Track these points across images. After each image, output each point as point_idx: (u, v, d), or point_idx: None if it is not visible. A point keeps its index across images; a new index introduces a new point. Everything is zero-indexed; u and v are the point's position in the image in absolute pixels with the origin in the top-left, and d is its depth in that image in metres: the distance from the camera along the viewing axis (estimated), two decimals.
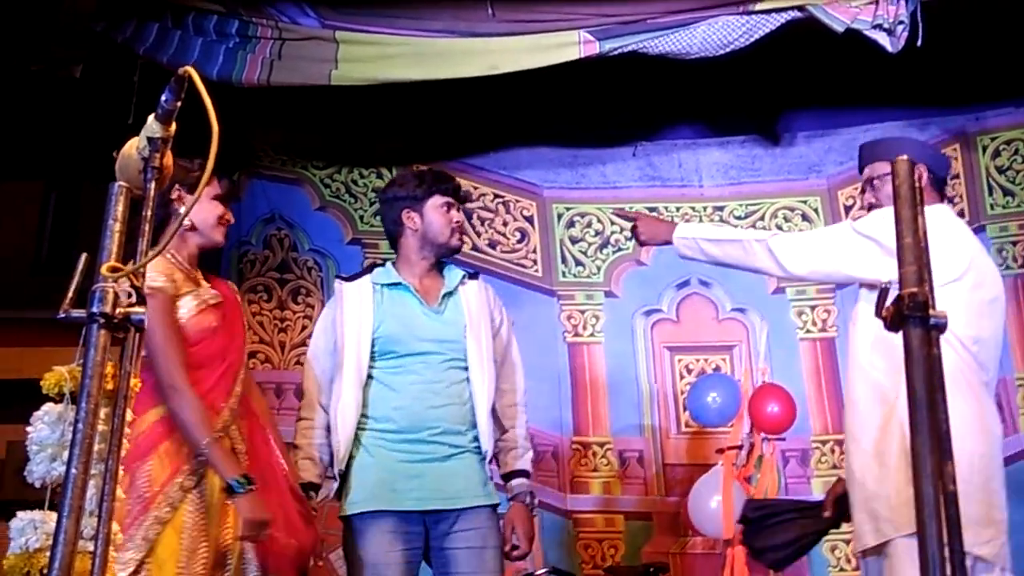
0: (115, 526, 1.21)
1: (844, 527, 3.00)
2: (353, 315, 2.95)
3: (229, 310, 2.79)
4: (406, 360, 2.91)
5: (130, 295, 1.24)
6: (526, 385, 3.19)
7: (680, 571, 4.42)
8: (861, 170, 3.02)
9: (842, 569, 4.37)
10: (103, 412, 1.22)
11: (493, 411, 3.00)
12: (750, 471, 4.03)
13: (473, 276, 3.15)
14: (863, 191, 2.99)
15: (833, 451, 4.49)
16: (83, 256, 1.30)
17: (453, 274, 3.08)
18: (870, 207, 2.95)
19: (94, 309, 1.22)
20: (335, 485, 2.88)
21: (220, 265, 4.56)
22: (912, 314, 1.17)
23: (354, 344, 2.90)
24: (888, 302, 1.20)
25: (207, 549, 2.51)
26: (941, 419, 1.16)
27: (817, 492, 4.44)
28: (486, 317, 3.04)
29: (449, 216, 3.04)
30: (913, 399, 1.15)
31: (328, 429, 2.91)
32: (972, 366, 2.62)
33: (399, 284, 3.01)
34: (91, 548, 1.22)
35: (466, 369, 2.95)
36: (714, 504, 4.04)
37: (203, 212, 2.74)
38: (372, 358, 2.91)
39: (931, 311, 1.18)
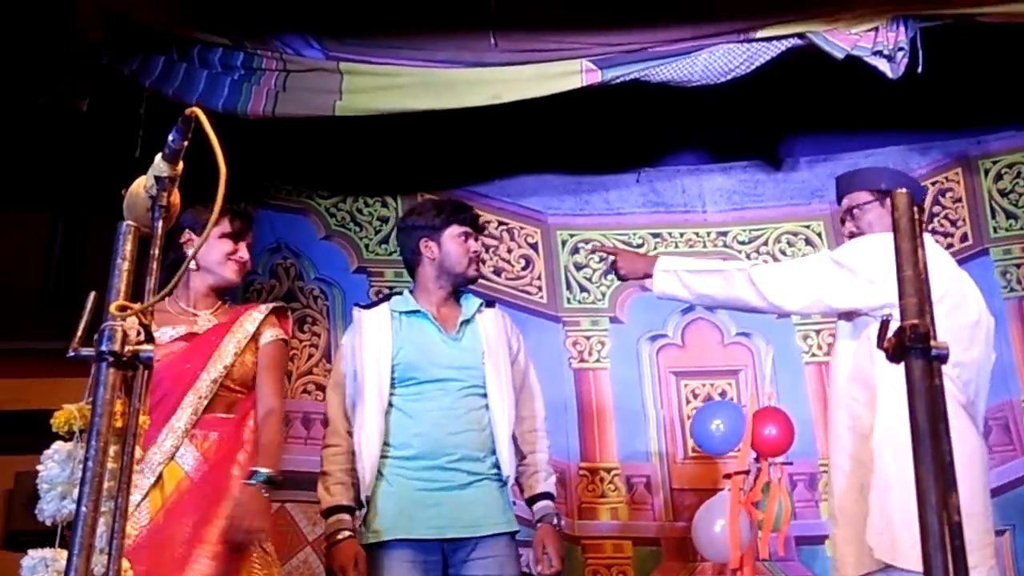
0: (125, 563, 1.22)
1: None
2: (372, 343, 2.97)
3: (197, 341, 2.79)
4: (425, 387, 2.94)
5: (139, 333, 1.26)
6: None
7: None
8: (839, 200, 3.06)
9: None
10: (112, 450, 1.23)
11: (513, 438, 3.02)
12: (757, 496, 4.01)
13: (490, 304, 3.19)
14: (843, 221, 3.02)
15: None
16: (91, 295, 1.32)
17: (470, 302, 3.12)
18: (851, 236, 2.98)
19: (103, 347, 1.23)
20: (363, 512, 2.90)
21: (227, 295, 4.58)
22: (914, 345, 1.19)
23: (374, 371, 2.93)
24: (889, 334, 1.21)
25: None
26: (944, 450, 1.17)
27: (825, 516, 4.43)
28: (504, 344, 3.07)
29: (467, 246, 3.08)
30: (916, 430, 1.16)
31: (354, 454, 2.93)
32: (950, 389, 2.63)
33: (417, 312, 3.05)
34: None
35: (484, 396, 2.98)
36: (718, 529, 4.03)
37: (209, 251, 2.79)
38: (392, 385, 2.93)
39: (932, 342, 1.19)
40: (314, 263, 4.79)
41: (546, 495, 3.06)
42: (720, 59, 3.79)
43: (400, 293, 3.16)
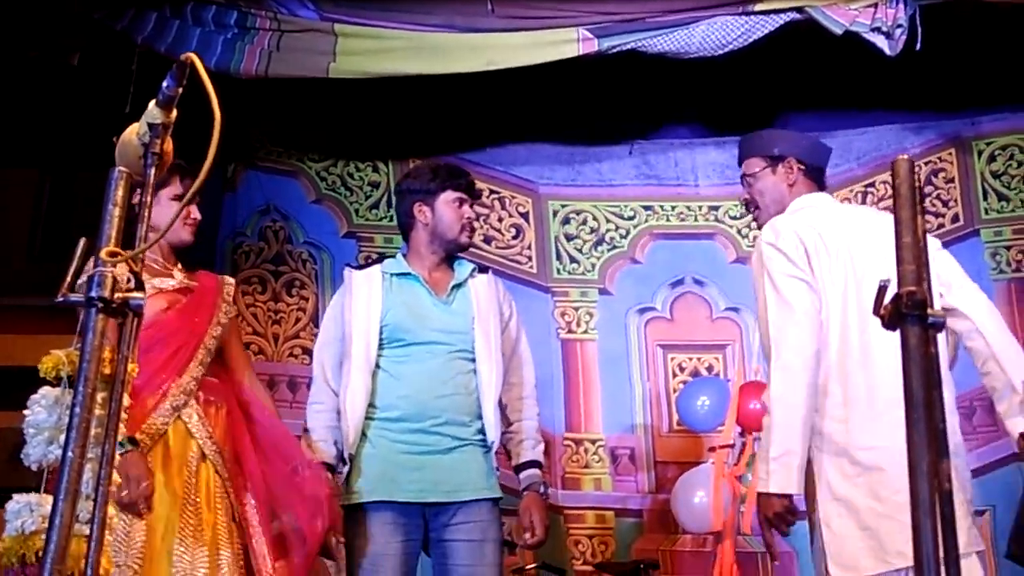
0: (111, 510, 1.21)
1: None
2: (362, 303, 2.96)
3: (196, 297, 2.89)
4: (413, 349, 2.92)
5: (128, 279, 1.24)
6: None
7: (670, 568, 4.43)
8: (739, 163, 3.02)
9: None
10: (100, 396, 1.22)
11: (501, 404, 3.01)
12: (742, 471, 4.03)
13: (483, 270, 3.17)
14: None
15: None
16: (82, 240, 1.30)
17: (463, 267, 3.10)
18: (745, 204, 2.99)
19: (92, 293, 1.22)
20: (346, 469, 2.89)
21: (215, 255, 4.56)
22: (910, 312, 1.18)
23: (363, 331, 2.92)
24: (886, 300, 1.21)
25: (144, 535, 2.56)
26: (937, 417, 1.17)
27: None
28: (495, 310, 3.05)
29: (460, 212, 3.06)
30: (910, 397, 1.16)
31: (339, 413, 2.92)
32: None
33: (408, 274, 3.03)
34: (87, 532, 1.22)
35: (473, 360, 2.96)
36: (697, 500, 4.06)
37: (162, 213, 2.77)
38: (380, 346, 2.92)
39: (929, 310, 1.19)
40: (303, 226, 4.77)
41: (533, 463, 3.04)
42: (718, 31, 3.77)
43: (393, 256, 3.16)
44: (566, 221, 4.90)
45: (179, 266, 2.93)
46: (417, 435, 2.86)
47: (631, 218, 4.91)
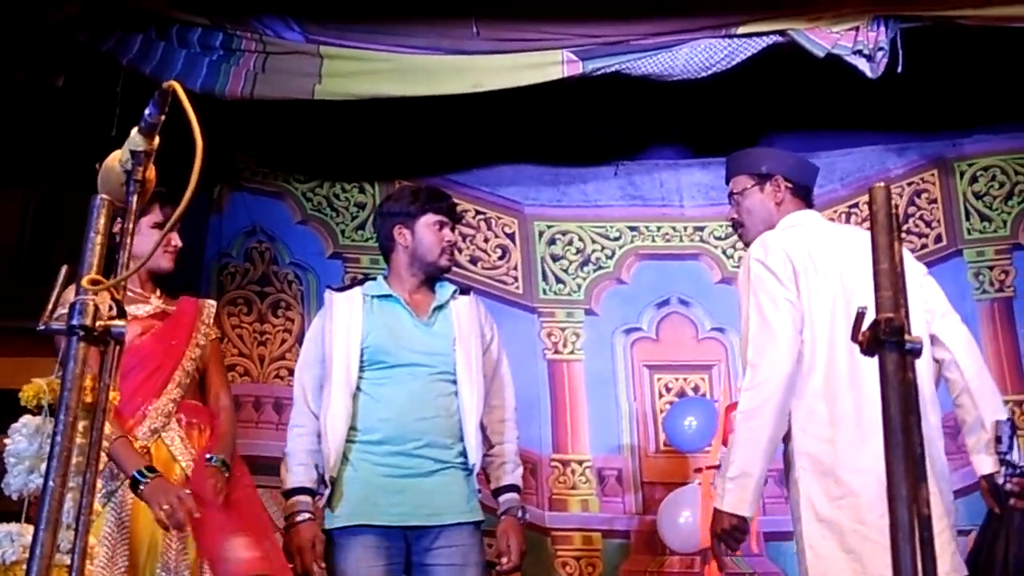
0: (92, 539, 1.20)
1: None
2: (342, 325, 2.94)
3: (173, 320, 2.90)
4: (394, 372, 2.91)
5: (110, 307, 1.24)
6: None
7: None
8: (727, 181, 3.03)
9: None
10: (81, 425, 1.21)
11: (482, 426, 3.00)
12: None
13: (465, 292, 3.16)
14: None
15: None
16: (63, 268, 1.30)
17: (445, 289, 3.09)
18: (732, 223, 3.00)
19: (74, 322, 1.22)
20: (327, 492, 2.87)
21: (201, 277, 4.55)
22: (888, 339, 1.19)
23: (343, 354, 2.90)
24: (864, 327, 1.22)
25: (127, 559, 2.56)
26: (915, 443, 1.17)
27: None
28: (476, 332, 3.05)
29: (440, 235, 3.06)
30: (888, 423, 1.17)
31: (319, 436, 2.90)
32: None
33: (389, 296, 3.03)
34: (67, 562, 1.21)
35: (454, 382, 2.95)
36: (683, 520, 4.06)
37: (144, 242, 2.76)
38: (361, 368, 2.91)
39: (907, 336, 1.20)
40: (289, 247, 4.76)
41: (512, 487, 3.04)
42: (701, 54, 3.80)
43: (374, 279, 3.16)
44: (552, 242, 4.91)
45: (157, 292, 2.94)
46: (399, 458, 2.85)
47: (617, 239, 4.92)
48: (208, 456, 2.75)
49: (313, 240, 4.80)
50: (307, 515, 2.85)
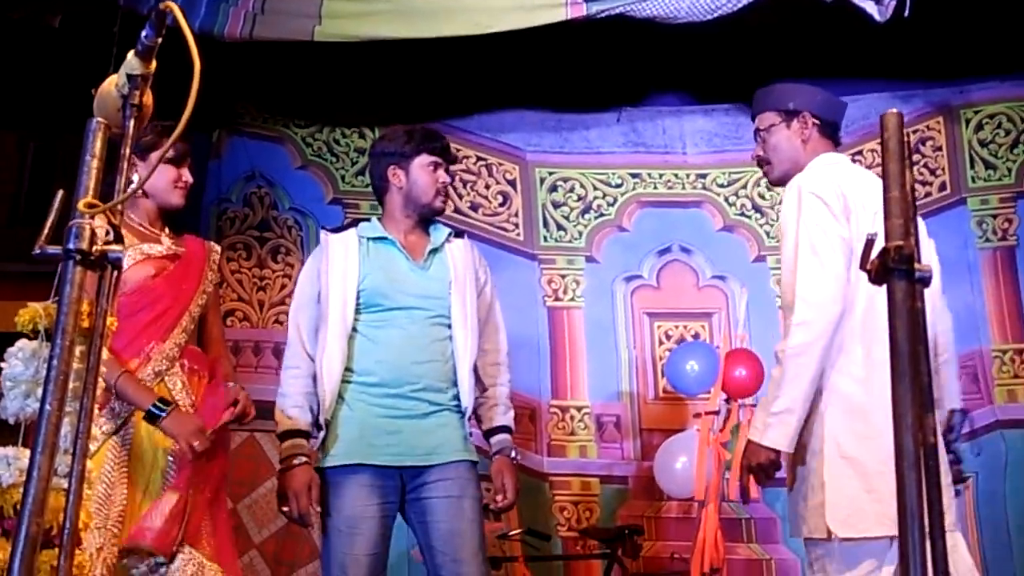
0: (89, 464, 1.20)
1: None
2: (338, 266, 2.91)
3: (184, 263, 2.85)
4: (390, 314, 2.88)
5: (107, 232, 1.22)
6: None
7: (655, 534, 4.46)
8: (753, 118, 2.94)
9: None
10: (78, 350, 1.20)
11: (475, 370, 2.98)
12: (727, 437, 4.05)
13: (459, 235, 3.12)
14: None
15: None
16: (60, 192, 1.28)
17: (439, 231, 3.05)
18: (757, 161, 2.91)
19: (70, 245, 1.20)
20: (321, 435, 2.85)
21: (200, 222, 4.53)
22: (897, 267, 1.17)
23: (339, 295, 2.87)
24: (873, 255, 1.20)
25: (125, 498, 2.56)
26: (923, 371, 1.16)
27: None
28: (471, 275, 3.01)
29: (435, 176, 3.00)
30: (896, 350, 1.15)
31: (314, 378, 2.87)
32: None
33: (385, 238, 2.98)
34: (65, 485, 1.20)
35: (449, 327, 2.93)
36: (679, 465, 4.08)
37: (155, 177, 2.75)
38: (356, 311, 2.88)
39: (916, 264, 1.18)
40: (289, 193, 4.74)
41: (504, 428, 3.03)
42: None
43: (368, 220, 3.11)
44: (553, 188, 4.88)
45: (167, 231, 2.89)
46: (395, 400, 2.83)
47: (618, 186, 4.89)
48: (228, 384, 2.79)
49: (313, 185, 4.78)
50: (303, 458, 2.82)
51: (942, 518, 1.16)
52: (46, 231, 1.24)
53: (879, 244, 1.19)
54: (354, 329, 2.88)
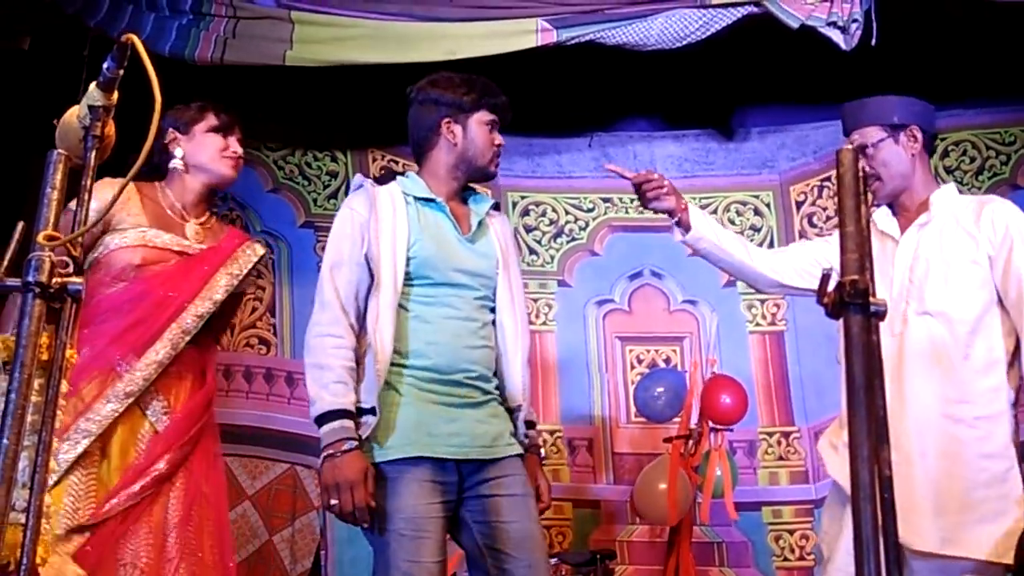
0: (47, 498, 1.19)
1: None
2: (387, 225, 2.49)
3: (191, 262, 2.55)
4: (440, 290, 2.52)
5: (67, 264, 1.22)
6: None
7: (627, 558, 4.46)
8: (847, 133, 2.84)
9: (786, 559, 4.43)
10: (37, 383, 1.19)
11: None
12: (698, 461, 4.06)
13: (495, 207, 2.76)
14: (856, 157, 2.78)
15: (780, 443, 4.55)
16: (19, 224, 1.28)
17: (482, 201, 2.69)
18: (866, 176, 2.68)
19: (29, 278, 1.20)
20: (372, 420, 2.41)
21: None
22: (853, 301, 1.19)
23: (390, 260, 2.46)
24: (829, 288, 1.22)
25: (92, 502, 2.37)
26: (879, 404, 1.18)
27: (763, 483, 4.50)
28: (514, 256, 2.70)
29: (492, 137, 2.64)
30: (852, 384, 1.17)
31: (354, 352, 2.46)
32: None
33: (433, 201, 2.59)
34: (23, 520, 1.19)
35: (493, 311, 2.61)
36: (659, 490, 4.08)
37: (199, 149, 2.60)
38: (404, 282, 2.50)
39: (871, 298, 1.20)
40: (260, 216, 4.73)
41: (530, 423, 2.69)
42: (676, 24, 3.77)
43: (403, 174, 2.67)
44: (525, 212, 4.90)
45: (204, 217, 2.60)
46: (449, 387, 2.48)
47: (590, 210, 4.92)
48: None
49: (284, 208, 4.77)
50: (353, 442, 2.37)
51: (899, 548, 1.17)
52: (5, 263, 1.23)
53: (834, 279, 1.21)
54: (399, 304, 2.49)
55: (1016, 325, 2.49)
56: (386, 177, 2.64)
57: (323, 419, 2.40)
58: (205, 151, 2.62)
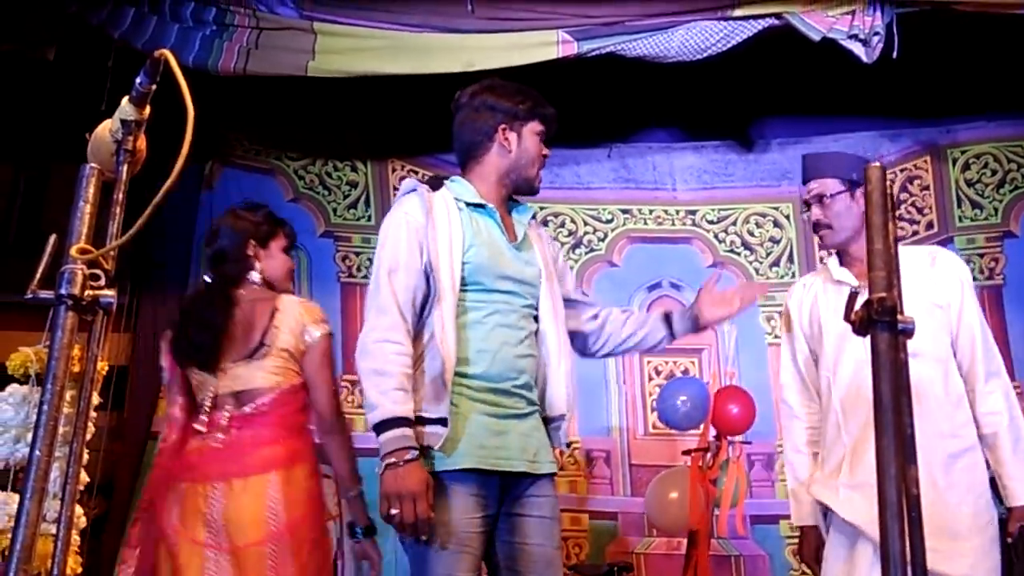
0: (78, 509, 1.20)
1: None
2: (444, 233, 2.45)
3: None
4: (491, 297, 2.48)
5: (98, 278, 1.23)
6: None
7: (644, 571, 4.44)
8: (805, 181, 2.90)
9: (804, 573, 4.40)
10: (69, 395, 1.20)
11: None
12: (716, 474, 4.04)
13: (533, 217, 2.71)
14: (807, 204, 2.78)
15: None
16: (52, 237, 1.29)
17: (525, 211, 2.65)
18: (815, 225, 2.81)
19: (62, 291, 1.21)
20: (443, 431, 2.34)
21: (191, 255, 4.53)
22: (880, 319, 1.19)
23: (448, 266, 2.42)
24: (857, 306, 1.21)
25: None
26: (906, 423, 1.17)
27: (781, 496, 4.48)
28: (553, 268, 2.64)
29: (541, 148, 2.61)
30: (879, 402, 1.16)
31: (411, 358, 2.40)
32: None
33: (483, 207, 2.54)
34: (53, 531, 1.20)
35: (537, 319, 2.55)
36: (670, 500, 4.07)
37: (271, 265, 2.85)
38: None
39: (899, 316, 1.19)
40: None
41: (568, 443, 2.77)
42: (697, 36, 3.78)
43: (453, 179, 2.60)
44: (544, 223, 4.90)
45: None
46: (498, 396, 2.43)
47: (609, 221, 4.92)
48: None
49: (305, 218, 4.79)
50: (415, 452, 2.30)
51: (925, 568, 1.17)
52: (38, 276, 1.25)
53: (862, 297, 1.21)
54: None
55: (965, 372, 2.64)
56: (435, 183, 2.60)
57: (383, 426, 2.33)
58: (279, 270, 2.88)
